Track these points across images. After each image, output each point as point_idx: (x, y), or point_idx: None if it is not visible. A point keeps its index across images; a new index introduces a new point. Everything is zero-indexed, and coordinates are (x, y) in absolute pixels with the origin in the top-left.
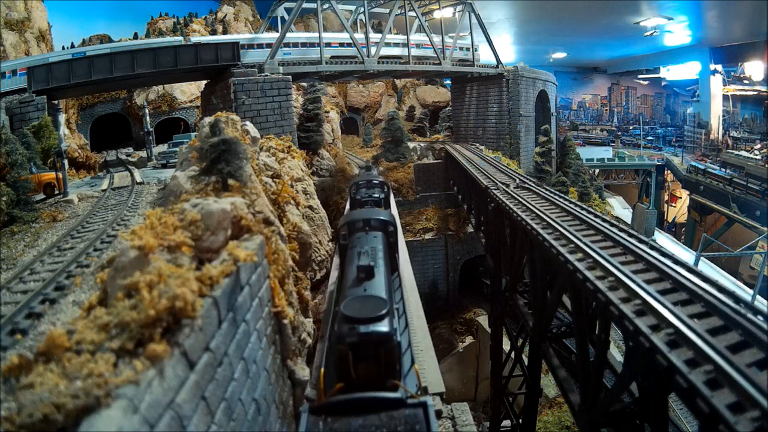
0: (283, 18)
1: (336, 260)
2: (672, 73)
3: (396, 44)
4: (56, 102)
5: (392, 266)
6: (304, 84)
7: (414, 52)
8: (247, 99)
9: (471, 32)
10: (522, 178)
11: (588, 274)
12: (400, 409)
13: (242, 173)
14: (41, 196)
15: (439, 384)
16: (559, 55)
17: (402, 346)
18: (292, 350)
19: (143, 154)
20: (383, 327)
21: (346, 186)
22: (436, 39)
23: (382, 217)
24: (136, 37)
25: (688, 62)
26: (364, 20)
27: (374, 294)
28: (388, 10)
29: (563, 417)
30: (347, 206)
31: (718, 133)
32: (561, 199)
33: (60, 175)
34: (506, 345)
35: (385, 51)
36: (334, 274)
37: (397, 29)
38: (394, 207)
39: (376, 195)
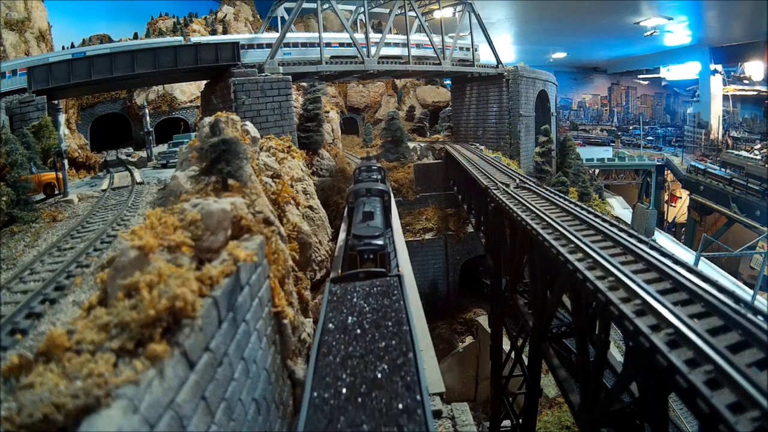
0: (283, 18)
1: (343, 225)
2: (672, 73)
3: (396, 44)
4: (56, 102)
5: (386, 222)
6: (304, 84)
7: (414, 52)
8: (247, 99)
9: (471, 32)
10: (522, 178)
11: (588, 274)
12: (384, 278)
13: (242, 173)
14: (41, 196)
15: (439, 384)
16: (559, 55)
17: (391, 256)
18: (292, 350)
19: (143, 154)
20: (379, 241)
21: (346, 186)
22: (436, 39)
23: (380, 187)
24: (136, 37)
25: (688, 62)
26: (364, 20)
27: (374, 225)
28: (388, 10)
29: (563, 417)
30: (352, 184)
31: (718, 133)
32: (561, 199)
33: (60, 175)
34: (506, 345)
35: (385, 51)
36: (341, 236)
37: (397, 29)
38: (388, 185)
39: (375, 176)
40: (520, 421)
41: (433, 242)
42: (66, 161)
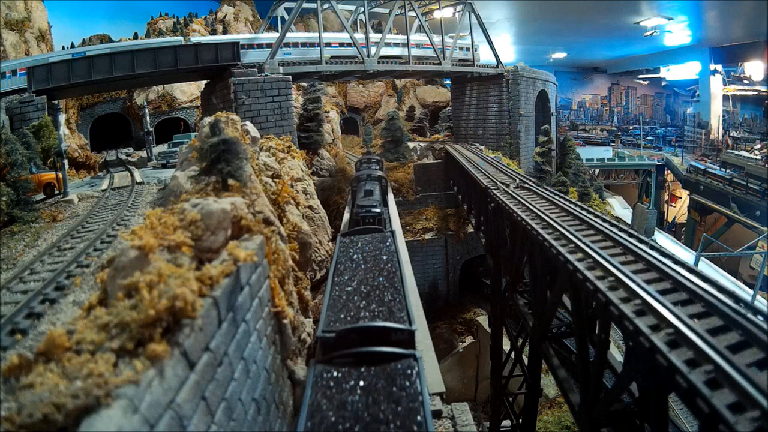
0: (283, 18)
1: (347, 208)
2: (672, 73)
3: (396, 44)
4: (56, 102)
5: (383, 200)
6: (304, 84)
7: (414, 52)
8: (247, 99)
9: (471, 32)
10: (522, 178)
11: (588, 274)
12: (381, 233)
13: (242, 173)
14: (41, 196)
15: (439, 384)
16: (559, 55)
17: (385, 223)
18: (292, 350)
19: (143, 154)
20: (377, 209)
21: (346, 186)
22: (436, 39)
23: (378, 174)
24: (136, 37)
25: (688, 62)
26: (364, 20)
27: (374, 199)
28: (388, 10)
29: (563, 417)
30: (354, 173)
31: (718, 133)
32: (561, 199)
33: (60, 175)
34: (506, 345)
35: (385, 51)
36: (346, 217)
37: (397, 29)
38: (385, 173)
39: (374, 166)
40: (520, 421)
41: (433, 242)
42: (66, 161)
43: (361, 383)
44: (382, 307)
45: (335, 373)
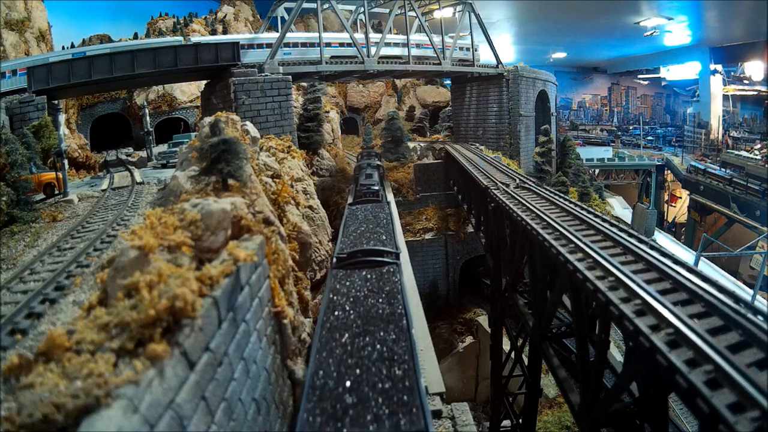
0: (283, 18)
1: (350, 195)
2: (672, 73)
3: (396, 44)
4: (56, 102)
5: (381, 183)
6: (304, 84)
7: (414, 52)
8: (247, 99)
9: (471, 32)
10: (522, 178)
11: (588, 274)
12: (379, 203)
13: (242, 173)
14: (41, 196)
15: (439, 384)
16: (559, 55)
17: (383, 195)
18: (292, 350)
19: (143, 154)
20: (376, 187)
21: (346, 186)
22: (436, 39)
23: (377, 163)
24: (136, 37)
25: (688, 62)
26: (364, 20)
27: (373, 180)
28: (388, 10)
29: (563, 417)
30: (356, 163)
31: (718, 133)
32: (561, 199)
33: (60, 175)
34: (506, 345)
35: (385, 51)
36: (350, 200)
37: (397, 29)
38: (383, 164)
39: (374, 159)
40: (520, 421)
41: (433, 242)
42: (66, 161)
43: (363, 275)
44: (378, 243)
45: (345, 272)
